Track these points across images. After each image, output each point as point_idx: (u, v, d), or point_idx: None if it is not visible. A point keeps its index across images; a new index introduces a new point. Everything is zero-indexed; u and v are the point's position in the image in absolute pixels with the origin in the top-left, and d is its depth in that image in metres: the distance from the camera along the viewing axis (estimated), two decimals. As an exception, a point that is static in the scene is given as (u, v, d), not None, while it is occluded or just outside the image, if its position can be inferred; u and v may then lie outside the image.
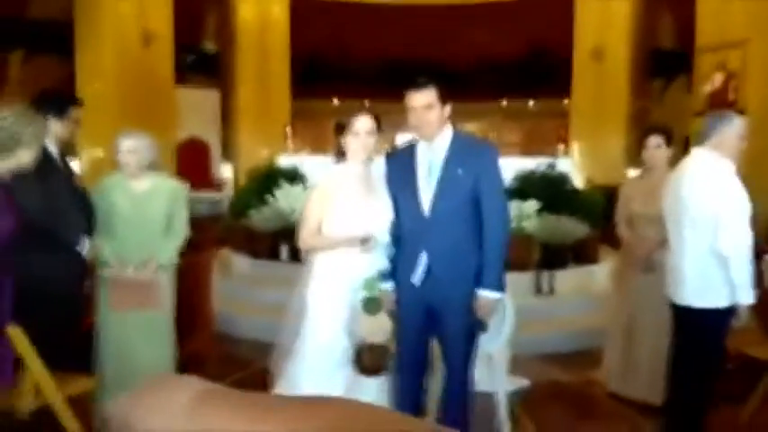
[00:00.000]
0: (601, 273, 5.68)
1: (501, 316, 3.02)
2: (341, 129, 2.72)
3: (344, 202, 2.69)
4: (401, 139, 3.32)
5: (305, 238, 2.76)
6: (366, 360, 2.63)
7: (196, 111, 10.27)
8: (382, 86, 12.62)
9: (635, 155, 9.33)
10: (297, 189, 5.79)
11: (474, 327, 2.66)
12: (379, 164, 2.80)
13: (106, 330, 3.22)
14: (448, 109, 2.66)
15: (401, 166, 2.73)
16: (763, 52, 7.52)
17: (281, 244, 5.71)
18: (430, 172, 2.66)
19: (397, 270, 2.72)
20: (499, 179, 2.69)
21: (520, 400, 3.55)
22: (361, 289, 2.65)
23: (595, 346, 4.54)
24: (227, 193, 9.79)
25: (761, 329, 3.44)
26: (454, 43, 11.90)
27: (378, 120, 2.75)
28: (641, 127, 9.78)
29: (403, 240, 2.71)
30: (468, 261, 2.62)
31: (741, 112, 7.88)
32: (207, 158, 10.32)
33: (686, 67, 9.08)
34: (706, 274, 2.87)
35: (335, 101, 13.87)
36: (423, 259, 2.64)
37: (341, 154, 2.75)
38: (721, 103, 8.31)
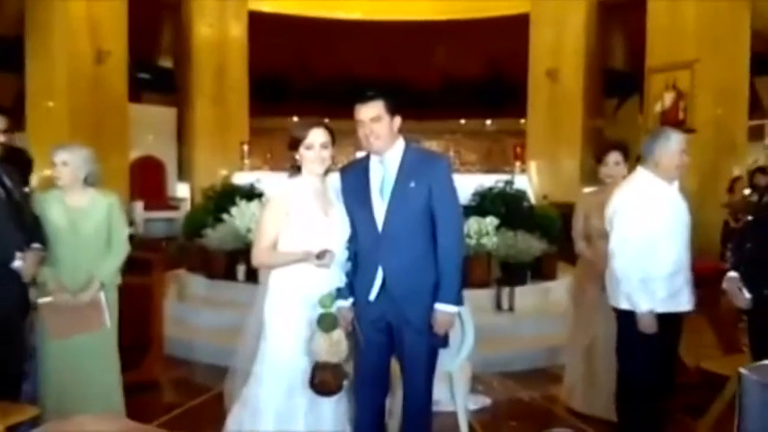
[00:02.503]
0: (559, 289, 5.71)
1: (460, 333, 2.98)
2: (295, 143, 2.66)
3: (300, 216, 2.62)
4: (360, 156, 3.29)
5: (258, 255, 2.69)
6: (315, 379, 2.56)
7: (151, 128, 10.07)
8: (343, 104, 12.60)
9: (590, 172, 9.52)
10: (253, 207, 5.68)
11: (434, 343, 2.61)
12: (335, 178, 2.75)
13: (47, 356, 3.06)
14: (398, 121, 2.63)
15: (355, 180, 2.68)
16: (710, 72, 7.78)
17: (237, 264, 5.58)
18: (383, 186, 2.61)
19: (354, 286, 2.67)
20: (453, 191, 2.65)
21: (480, 419, 3.51)
22: (317, 305, 2.58)
23: (555, 362, 4.55)
24: (184, 212, 9.59)
25: (719, 345, 3.49)
26: (416, 62, 12.00)
27: (332, 132, 2.70)
28: (595, 145, 10.00)
29: (359, 256, 2.66)
30: (424, 277, 2.58)
31: (690, 130, 8.15)
32: (162, 177, 10.09)
33: (638, 87, 9.33)
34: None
35: (296, 118, 13.80)
36: (379, 275, 2.59)
37: (296, 168, 2.69)
38: (672, 121, 8.56)
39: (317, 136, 2.65)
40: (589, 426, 3.71)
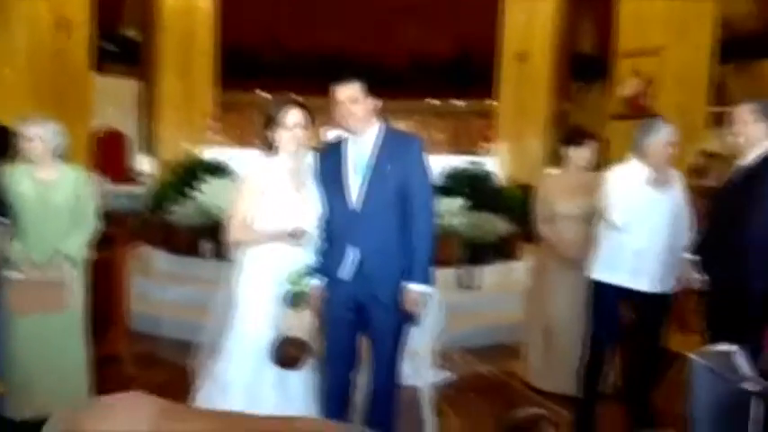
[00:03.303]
0: (521, 268, 5.83)
1: (427, 311, 3.03)
2: (271, 121, 2.66)
3: (274, 195, 2.64)
4: (328, 134, 3.30)
5: (233, 232, 2.70)
6: (280, 352, 2.60)
7: (114, 100, 9.82)
8: (314, 81, 12.50)
9: (554, 154, 9.65)
10: (222, 183, 5.64)
11: (404, 321, 2.66)
12: (309, 156, 2.76)
13: (15, 332, 3.02)
14: (375, 103, 2.65)
15: (330, 161, 2.71)
16: (677, 59, 7.93)
17: (202, 240, 5.54)
18: (358, 167, 2.65)
19: (325, 265, 2.70)
20: (426, 173, 2.70)
21: (444, 393, 3.59)
22: (285, 282, 2.60)
23: (516, 339, 4.68)
24: (147, 187, 9.42)
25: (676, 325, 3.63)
26: (387, 40, 11.93)
27: (309, 112, 2.71)
28: (570, 130, 10.13)
29: (332, 235, 2.69)
30: (396, 257, 2.62)
31: (655, 116, 8.31)
32: (125, 150, 9.87)
33: (604, 71, 9.46)
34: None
35: (265, 94, 13.62)
36: (351, 254, 2.62)
37: (270, 147, 2.69)
38: (637, 107, 8.72)
39: (294, 116, 2.66)
40: (546, 400, 3.84)
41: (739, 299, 2.80)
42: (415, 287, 2.62)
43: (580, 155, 3.83)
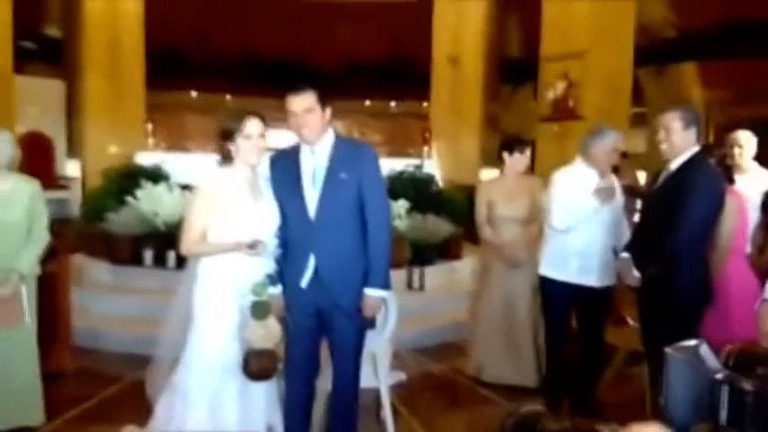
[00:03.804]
0: (464, 268, 6.02)
1: (384, 314, 3.12)
2: (229, 133, 2.65)
3: (232, 206, 2.64)
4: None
5: (189, 245, 2.68)
6: (253, 365, 2.61)
7: (37, 102, 9.37)
8: (244, 81, 12.33)
9: (489, 156, 9.93)
10: (160, 189, 5.52)
11: (362, 325, 2.73)
12: (264, 166, 2.77)
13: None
14: (329, 112, 2.70)
15: (286, 170, 2.73)
16: (600, 63, 8.33)
17: (144, 249, 5.41)
18: (314, 176, 2.68)
19: (284, 274, 2.73)
20: (380, 181, 2.78)
21: (398, 393, 3.69)
22: (249, 293, 2.62)
23: (461, 337, 4.85)
24: (75, 192, 9.05)
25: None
26: (318, 41, 11.92)
27: (264, 120, 2.72)
28: (494, 130, 10.45)
29: (290, 244, 2.72)
30: (355, 263, 2.68)
31: (579, 117, 8.72)
32: (50, 154, 9.42)
33: (532, 74, 9.81)
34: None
35: (194, 94, 13.33)
36: (311, 263, 2.66)
37: (227, 158, 2.68)
38: (563, 110, 9.10)
39: (255, 127, 2.66)
40: (493, 393, 4.01)
41: (671, 299, 3.01)
42: (374, 292, 2.69)
43: (518, 161, 4.02)
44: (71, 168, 9.76)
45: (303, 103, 2.61)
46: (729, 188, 3.21)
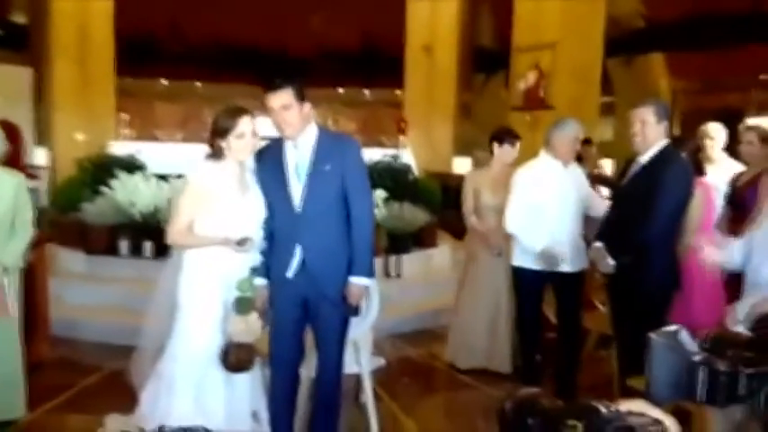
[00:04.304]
0: (439, 256, 6.13)
1: (367, 301, 3.19)
2: (223, 131, 2.66)
3: (220, 201, 2.67)
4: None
5: (174, 236, 2.71)
6: (232, 358, 2.67)
7: (4, 90, 9.14)
8: (215, 68, 12.21)
9: (463, 144, 10.02)
10: (135, 180, 5.48)
11: (347, 313, 2.80)
12: (250, 160, 2.80)
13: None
14: (308, 107, 2.73)
15: (270, 164, 2.77)
16: (571, 54, 8.47)
17: (120, 239, 5.39)
18: (298, 170, 2.72)
19: (270, 265, 2.77)
20: (363, 172, 2.83)
21: (378, 378, 3.77)
22: (234, 288, 2.66)
23: (438, 323, 4.96)
24: (44, 181, 8.87)
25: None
26: (291, 29, 11.84)
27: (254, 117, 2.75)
28: (467, 119, 10.55)
29: (276, 236, 2.77)
30: (340, 253, 2.74)
31: (550, 107, 8.86)
32: (18, 142, 9.21)
33: (504, 64, 9.91)
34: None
35: (164, 81, 13.14)
36: (297, 254, 2.71)
37: (217, 155, 2.70)
38: (534, 100, 9.23)
39: (248, 125, 2.68)
40: (468, 377, 4.13)
41: (642, 286, 3.14)
42: (358, 281, 2.75)
43: (506, 152, 4.10)
44: (39, 157, 9.57)
45: (280, 100, 2.64)
46: (698, 180, 3.34)
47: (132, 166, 5.70)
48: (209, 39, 12.13)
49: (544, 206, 3.56)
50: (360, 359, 3.29)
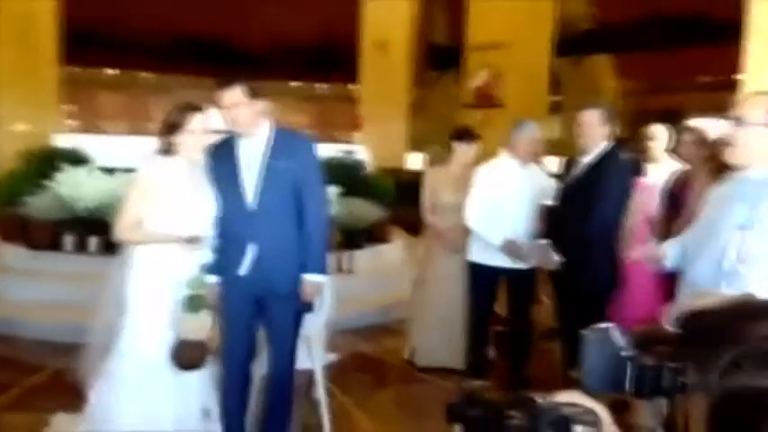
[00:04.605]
0: (392, 252, 6.18)
1: (320, 297, 3.20)
2: (174, 127, 2.63)
3: (171, 198, 2.64)
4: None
5: (122, 231, 2.66)
6: (183, 356, 2.65)
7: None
8: (163, 59, 11.95)
9: (416, 140, 10.10)
10: (80, 173, 5.34)
11: (300, 310, 2.81)
12: (201, 157, 2.77)
13: None
14: (262, 104, 2.72)
15: (223, 160, 2.75)
16: (522, 54, 8.66)
17: (64, 234, 5.24)
18: (251, 166, 2.71)
19: (221, 263, 2.75)
20: (318, 170, 2.84)
21: (331, 373, 3.80)
22: (184, 287, 2.64)
23: (389, 318, 5.01)
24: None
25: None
26: (245, 22, 11.69)
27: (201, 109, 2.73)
28: (420, 115, 10.64)
29: (227, 233, 2.75)
30: (293, 250, 2.74)
31: (499, 105, 9.03)
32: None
33: (456, 62, 10.04)
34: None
35: (109, 71, 12.80)
36: (250, 252, 2.70)
37: (167, 151, 2.67)
38: (485, 97, 9.41)
39: (199, 122, 2.66)
40: (422, 373, 4.18)
41: (584, 282, 3.27)
42: (312, 278, 2.77)
43: (466, 151, 4.15)
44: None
45: (230, 97, 2.63)
46: (638, 180, 3.48)
47: (77, 159, 5.53)
48: (159, 28, 11.86)
49: (502, 204, 3.65)
50: (312, 355, 3.31)
